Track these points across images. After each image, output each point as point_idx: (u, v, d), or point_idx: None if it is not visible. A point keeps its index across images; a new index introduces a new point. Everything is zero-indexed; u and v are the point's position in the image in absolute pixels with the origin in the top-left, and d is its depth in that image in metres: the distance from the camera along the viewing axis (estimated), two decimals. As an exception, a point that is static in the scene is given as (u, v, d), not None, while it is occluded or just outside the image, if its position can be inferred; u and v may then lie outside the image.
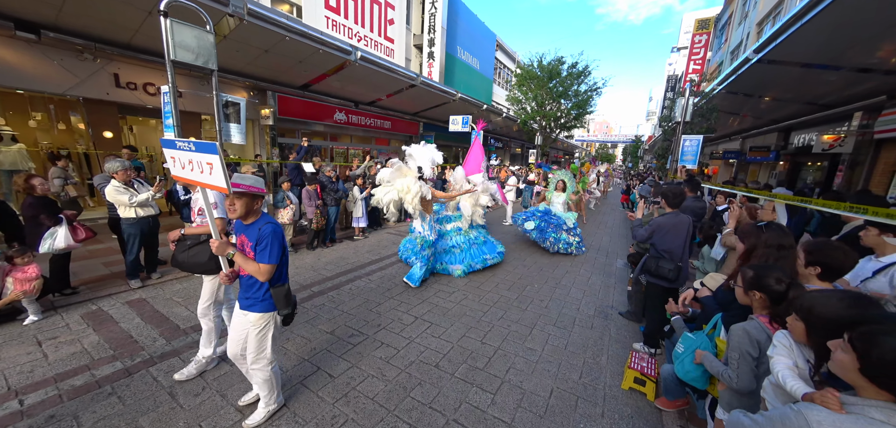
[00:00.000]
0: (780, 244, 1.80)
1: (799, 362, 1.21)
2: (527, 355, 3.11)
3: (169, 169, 2.61)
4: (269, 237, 1.91)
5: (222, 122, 5.55)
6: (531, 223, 6.32)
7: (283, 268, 2.05)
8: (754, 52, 6.25)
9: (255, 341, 2.08)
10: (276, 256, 1.93)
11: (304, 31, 7.13)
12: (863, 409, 0.87)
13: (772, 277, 1.49)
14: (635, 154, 40.06)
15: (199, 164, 1.88)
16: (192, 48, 4.82)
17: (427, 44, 16.10)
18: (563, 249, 6.11)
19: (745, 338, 1.43)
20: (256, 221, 2.00)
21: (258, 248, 1.92)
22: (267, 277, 1.93)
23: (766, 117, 10.74)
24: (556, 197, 6.59)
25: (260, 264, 1.91)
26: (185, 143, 1.90)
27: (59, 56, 6.18)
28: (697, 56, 21.52)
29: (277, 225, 1.99)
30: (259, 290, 2.02)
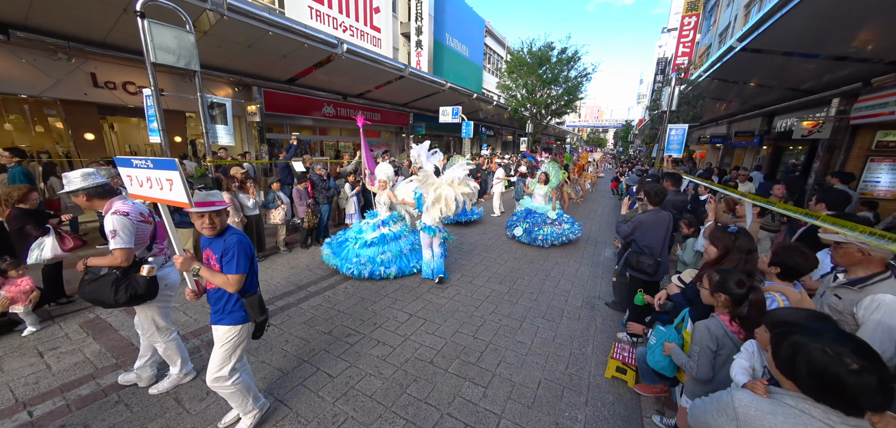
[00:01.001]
0: (750, 249, 1.99)
1: (756, 366, 1.38)
2: (517, 349, 3.28)
3: None
4: (235, 247, 1.91)
5: (209, 124, 5.49)
6: (519, 229, 6.51)
7: (253, 277, 2.06)
8: (738, 40, 6.37)
9: (219, 354, 2.05)
10: (244, 266, 1.94)
11: (288, 25, 6.98)
12: (780, 396, 1.04)
13: (733, 281, 1.64)
14: (626, 139, 40.43)
15: (159, 181, 1.87)
16: (173, 49, 4.73)
17: (415, 32, 15.82)
18: (555, 242, 6.21)
19: (706, 334, 1.60)
20: (222, 234, 2.00)
21: (224, 259, 1.92)
22: (236, 288, 1.94)
23: (751, 102, 10.96)
24: (538, 189, 6.69)
25: (228, 276, 1.91)
26: (142, 161, 1.88)
27: (31, 56, 5.95)
28: (686, 38, 21.57)
29: (243, 235, 2.01)
30: (227, 302, 2.02)
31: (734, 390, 1.10)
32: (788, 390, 1.04)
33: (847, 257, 1.81)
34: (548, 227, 6.31)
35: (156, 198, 1.90)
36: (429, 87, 12.31)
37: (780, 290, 1.83)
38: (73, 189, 2.25)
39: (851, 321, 1.77)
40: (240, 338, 2.08)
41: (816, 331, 1.01)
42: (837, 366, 0.88)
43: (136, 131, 9.82)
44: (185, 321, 3.62)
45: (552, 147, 30.78)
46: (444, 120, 12.31)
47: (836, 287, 1.89)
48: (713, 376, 1.61)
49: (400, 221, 5.29)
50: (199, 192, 1.92)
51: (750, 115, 11.96)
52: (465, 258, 5.76)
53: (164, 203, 1.91)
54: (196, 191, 1.90)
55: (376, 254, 4.80)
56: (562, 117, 19.69)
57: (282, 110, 10.10)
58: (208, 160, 5.76)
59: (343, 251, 4.97)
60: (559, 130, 31.74)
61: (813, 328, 1.04)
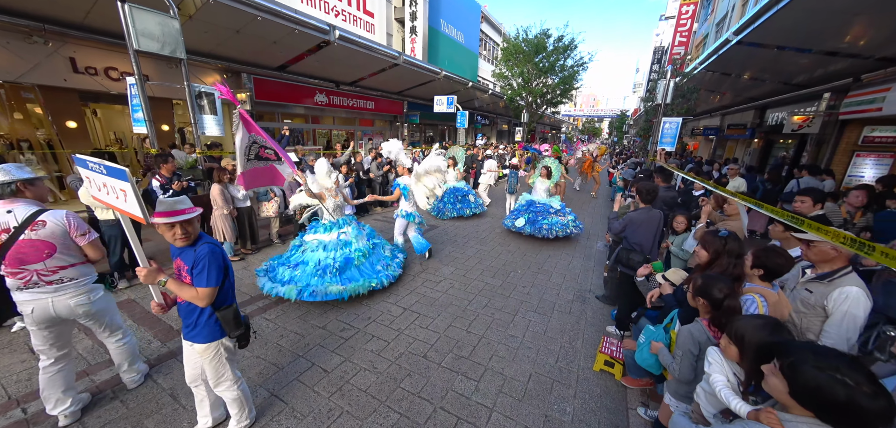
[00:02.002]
0: (739, 253, 2.05)
1: (729, 377, 1.44)
2: (508, 342, 3.35)
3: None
4: (206, 258, 1.77)
5: (197, 115, 5.37)
6: (521, 220, 6.29)
7: (228, 290, 1.94)
8: (734, 33, 6.37)
9: (211, 369, 1.99)
10: (215, 278, 1.79)
11: (277, 10, 6.77)
12: (795, 425, 1.07)
13: (715, 287, 1.70)
14: (621, 129, 40.50)
15: (114, 190, 1.70)
16: (157, 36, 4.59)
17: (409, 17, 15.47)
18: (560, 233, 5.99)
19: (688, 338, 1.67)
20: (194, 243, 1.86)
21: (194, 271, 1.78)
22: (207, 303, 1.81)
23: (744, 95, 11.04)
24: (540, 183, 6.61)
25: (198, 289, 1.78)
26: (97, 164, 1.71)
27: (4, 39, 5.68)
28: (684, 28, 21.46)
29: (216, 245, 1.87)
30: (199, 316, 1.88)
31: (750, 427, 1.12)
32: (802, 417, 1.07)
33: (821, 255, 1.90)
34: (553, 216, 6.17)
35: (114, 206, 1.73)
36: (423, 76, 12.13)
37: (759, 291, 1.89)
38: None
39: (822, 313, 1.88)
40: (221, 352, 1.98)
41: (822, 356, 1.06)
42: (859, 396, 0.95)
43: (120, 118, 9.51)
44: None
45: (547, 136, 30.72)
46: (439, 109, 12.19)
47: (806, 282, 1.99)
48: (694, 378, 1.68)
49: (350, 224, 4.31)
50: (166, 198, 1.76)
51: (743, 108, 12.06)
52: (458, 250, 5.80)
53: (121, 212, 1.75)
54: (160, 198, 1.76)
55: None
56: (557, 107, 19.63)
57: (273, 98, 9.88)
58: (198, 152, 5.65)
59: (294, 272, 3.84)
60: (555, 120, 31.64)
61: (819, 354, 1.08)
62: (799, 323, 1.98)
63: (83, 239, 2.14)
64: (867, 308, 1.78)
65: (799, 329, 1.98)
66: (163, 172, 4.44)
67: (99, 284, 2.28)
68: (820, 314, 1.89)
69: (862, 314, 1.76)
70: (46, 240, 2.04)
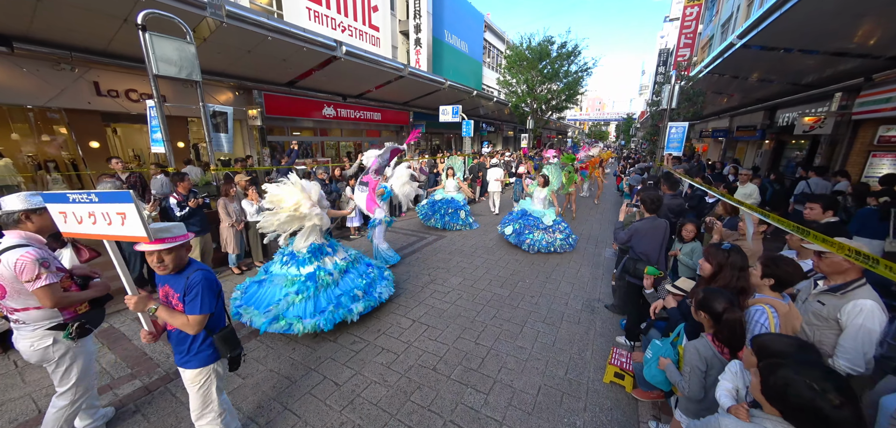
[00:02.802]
0: (742, 266, 2.04)
1: (740, 387, 1.44)
2: (517, 354, 3.36)
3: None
4: (200, 284, 1.75)
5: (211, 133, 5.57)
6: (509, 228, 6.34)
7: (221, 312, 1.92)
8: (738, 37, 6.34)
9: (197, 398, 1.94)
10: (209, 305, 1.78)
11: (286, 30, 7.01)
12: (761, 421, 1.13)
13: (715, 301, 1.71)
14: (628, 132, 40.18)
15: (106, 216, 1.65)
16: (174, 61, 4.79)
17: (413, 29, 15.75)
18: (542, 249, 5.96)
19: (695, 355, 1.67)
20: (185, 270, 1.83)
21: (187, 298, 1.75)
22: (197, 330, 1.79)
23: (752, 96, 10.91)
24: (538, 192, 6.48)
25: (188, 317, 1.75)
26: (80, 196, 1.64)
27: (34, 67, 6.03)
28: (689, 29, 21.32)
29: (208, 271, 1.83)
30: (193, 342, 1.85)
31: (721, 416, 1.18)
32: (769, 415, 1.12)
33: (833, 266, 1.88)
34: (538, 233, 6.07)
35: (99, 235, 1.69)
36: (428, 86, 12.31)
37: (769, 302, 1.88)
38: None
39: (835, 326, 1.85)
40: (213, 378, 1.94)
41: (803, 363, 1.10)
42: (822, 401, 0.99)
43: (139, 135, 9.88)
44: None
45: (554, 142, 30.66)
46: (445, 119, 12.32)
47: (818, 294, 1.97)
48: (704, 395, 1.68)
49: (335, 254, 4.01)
50: (157, 224, 1.74)
51: (752, 109, 11.90)
52: (466, 260, 5.84)
53: (110, 239, 1.70)
54: (152, 224, 1.72)
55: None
56: (563, 112, 19.63)
57: (282, 113, 10.15)
58: (212, 169, 5.84)
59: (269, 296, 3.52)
60: (560, 125, 31.60)
61: (800, 361, 1.12)
62: (812, 336, 1.96)
63: (32, 284, 1.89)
64: (883, 321, 1.75)
65: (812, 342, 1.96)
66: (179, 190, 4.61)
67: (51, 333, 2.04)
68: (833, 327, 1.87)
69: (877, 328, 1.74)
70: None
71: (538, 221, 6.24)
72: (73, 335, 2.03)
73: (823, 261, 1.92)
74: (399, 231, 7.60)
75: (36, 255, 1.90)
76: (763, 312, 1.85)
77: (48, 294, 1.93)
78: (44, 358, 2.05)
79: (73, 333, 2.03)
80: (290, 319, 3.26)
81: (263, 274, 3.80)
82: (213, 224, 5.11)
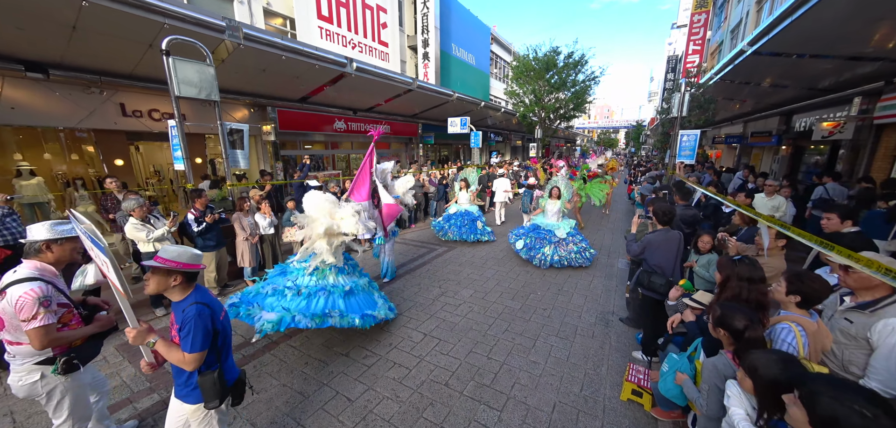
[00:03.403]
0: (751, 278, 1.97)
1: (748, 410, 1.41)
2: (531, 369, 3.31)
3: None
4: (192, 321, 1.65)
5: (228, 149, 5.76)
6: (520, 242, 6.17)
7: (211, 354, 1.77)
8: (748, 44, 6.27)
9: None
10: (201, 343, 1.66)
11: (299, 49, 7.26)
12: None
13: (735, 318, 1.65)
14: (638, 139, 39.76)
15: (98, 256, 1.73)
16: (195, 82, 5.00)
17: (421, 44, 16.08)
18: (554, 264, 5.78)
19: (714, 372, 1.62)
20: (184, 299, 1.73)
21: (181, 333, 1.67)
22: (193, 367, 1.70)
23: (766, 101, 10.69)
24: (551, 205, 6.33)
25: (184, 354, 1.66)
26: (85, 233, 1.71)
27: (67, 91, 6.39)
28: (697, 36, 21.15)
29: (202, 307, 1.71)
30: (190, 377, 1.75)
31: None
32: None
33: (861, 281, 1.81)
34: (549, 247, 5.87)
35: (105, 274, 1.70)
36: (437, 99, 12.49)
37: (796, 320, 1.82)
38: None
39: (865, 345, 1.77)
40: (213, 414, 1.84)
41: (840, 388, 1.08)
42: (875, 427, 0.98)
43: (159, 152, 10.29)
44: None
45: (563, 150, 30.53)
46: (453, 131, 12.44)
47: (845, 311, 1.88)
48: (723, 414, 1.62)
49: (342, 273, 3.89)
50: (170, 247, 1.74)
51: (766, 115, 11.65)
52: (477, 272, 5.82)
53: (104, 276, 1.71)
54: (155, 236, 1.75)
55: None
56: (571, 121, 19.59)
57: (295, 128, 10.43)
58: (227, 185, 6.01)
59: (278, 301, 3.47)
60: (569, 133, 31.49)
61: (835, 385, 1.10)
62: (840, 355, 1.87)
63: (27, 324, 1.86)
64: None
65: (840, 361, 1.87)
66: (197, 206, 4.76)
67: (39, 368, 2.00)
68: (863, 346, 1.79)
69: None
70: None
71: (551, 234, 6.08)
72: (60, 370, 1.97)
73: (850, 276, 1.85)
74: (409, 243, 7.64)
75: (38, 293, 1.86)
76: (789, 331, 1.79)
77: (40, 335, 1.87)
78: (31, 393, 2.01)
79: (60, 369, 1.97)
80: (284, 313, 3.19)
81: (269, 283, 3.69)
82: (230, 238, 5.24)
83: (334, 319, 3.29)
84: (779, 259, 2.92)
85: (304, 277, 3.61)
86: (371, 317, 3.54)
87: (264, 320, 3.11)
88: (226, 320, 1.88)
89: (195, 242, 4.79)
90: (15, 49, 5.40)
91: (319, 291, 3.49)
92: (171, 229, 4.43)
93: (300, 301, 3.35)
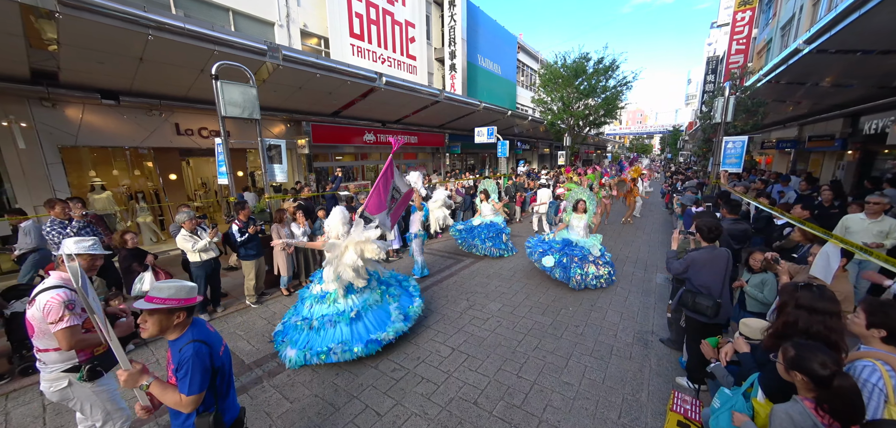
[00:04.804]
0: (814, 307, 1.72)
1: None
2: (563, 391, 3.16)
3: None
4: (190, 362, 1.54)
5: (267, 164, 6.13)
6: (550, 259, 5.39)
7: (216, 391, 1.67)
8: (806, 41, 5.75)
9: None
10: (198, 385, 1.55)
11: (333, 66, 7.64)
12: None
13: (816, 361, 1.43)
14: (674, 145, 37.54)
15: None
16: (239, 103, 5.40)
17: (448, 56, 16.33)
18: (590, 285, 5.29)
19: (787, 423, 1.39)
20: (180, 337, 1.62)
21: (178, 374, 1.56)
22: (190, 410, 1.58)
23: (826, 102, 9.71)
24: (577, 220, 5.81)
25: (181, 396, 1.55)
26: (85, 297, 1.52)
27: (133, 115, 7.15)
28: (741, 35, 19.75)
29: (201, 344, 1.60)
30: (188, 418, 1.64)
31: None
32: None
33: None
34: (589, 265, 5.31)
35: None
36: (463, 109, 12.59)
37: (883, 358, 1.58)
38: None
39: None
40: None
41: None
42: None
43: (205, 166, 11.17)
44: (249, 350, 3.98)
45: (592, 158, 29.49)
46: (480, 140, 12.44)
47: None
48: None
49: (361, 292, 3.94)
50: (160, 282, 1.66)
51: (827, 117, 10.56)
52: (505, 285, 5.71)
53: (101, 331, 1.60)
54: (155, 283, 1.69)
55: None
56: (600, 127, 18.92)
57: (327, 141, 10.93)
58: (266, 197, 6.39)
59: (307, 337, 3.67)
60: (599, 140, 30.40)
61: None
62: None
63: (54, 326, 1.97)
64: None
65: None
66: (240, 218, 5.08)
67: (67, 374, 2.11)
68: None
69: None
70: (29, 320, 2.04)
71: (586, 252, 5.46)
72: (86, 377, 2.09)
73: None
74: (436, 253, 7.66)
75: (63, 297, 1.99)
76: (874, 370, 1.55)
77: (67, 336, 2.00)
78: (63, 398, 2.16)
79: (85, 375, 2.09)
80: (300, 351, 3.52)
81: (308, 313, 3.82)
82: (267, 249, 5.53)
83: (336, 354, 3.45)
84: (844, 283, 2.60)
85: (314, 304, 3.82)
86: (375, 343, 3.56)
87: (288, 357, 3.53)
88: (226, 355, 1.77)
89: (238, 251, 5.11)
90: (94, 81, 6.16)
91: (326, 322, 3.66)
92: (213, 240, 4.76)
93: (311, 336, 3.64)
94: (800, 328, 1.77)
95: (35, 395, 3.24)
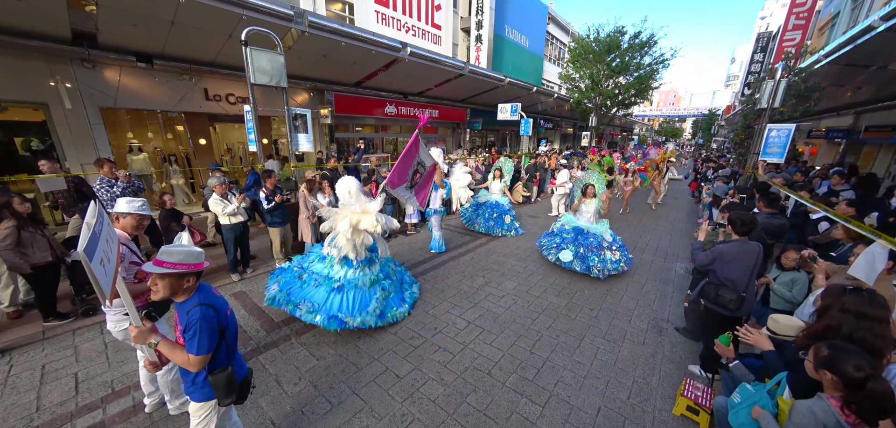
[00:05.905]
0: (861, 312, 1.65)
1: None
2: (575, 369, 3.25)
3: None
4: (198, 323, 1.62)
5: (292, 133, 6.26)
6: (568, 254, 5.26)
7: (223, 352, 1.76)
8: (882, 18, 5.17)
9: (197, 425, 1.84)
10: (206, 345, 1.64)
11: (358, 35, 7.54)
12: None
13: (850, 364, 1.39)
14: (708, 130, 35.25)
15: None
16: (267, 70, 5.46)
17: (475, 26, 15.70)
18: (612, 270, 5.08)
19: (809, 419, 1.39)
20: (187, 300, 1.69)
21: (186, 335, 1.65)
22: (197, 369, 1.67)
23: (889, 89, 8.79)
24: (586, 205, 5.66)
25: (189, 355, 1.64)
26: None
27: (165, 78, 7.38)
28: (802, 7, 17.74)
29: (207, 307, 1.67)
30: (196, 376, 1.74)
31: None
32: None
33: None
34: (606, 252, 5.17)
35: None
36: (487, 83, 12.24)
37: None
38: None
39: None
40: (213, 415, 1.83)
41: None
42: None
43: (231, 132, 11.52)
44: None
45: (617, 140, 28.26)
46: (503, 117, 12.14)
47: None
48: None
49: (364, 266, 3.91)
50: (167, 246, 1.68)
51: (889, 106, 9.59)
52: (521, 265, 5.76)
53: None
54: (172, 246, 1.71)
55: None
56: (630, 108, 17.99)
57: (349, 111, 10.97)
58: (291, 165, 6.57)
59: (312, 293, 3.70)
60: (626, 121, 28.96)
61: None
62: None
63: None
64: None
65: None
66: (267, 185, 5.29)
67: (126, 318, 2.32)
68: None
69: None
70: None
71: (600, 239, 5.34)
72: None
73: None
74: (453, 229, 7.76)
75: None
76: None
77: None
78: (125, 337, 2.46)
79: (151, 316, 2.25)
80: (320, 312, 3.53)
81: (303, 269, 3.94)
82: (293, 215, 5.76)
83: (301, 311, 3.52)
84: (887, 287, 2.48)
85: (316, 261, 3.94)
86: (337, 321, 3.45)
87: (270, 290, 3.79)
88: (231, 317, 1.85)
89: (264, 217, 5.35)
90: (129, 43, 6.37)
91: (313, 280, 3.76)
92: (241, 205, 4.99)
93: (295, 285, 3.79)
94: (843, 333, 1.70)
95: (97, 333, 3.65)
